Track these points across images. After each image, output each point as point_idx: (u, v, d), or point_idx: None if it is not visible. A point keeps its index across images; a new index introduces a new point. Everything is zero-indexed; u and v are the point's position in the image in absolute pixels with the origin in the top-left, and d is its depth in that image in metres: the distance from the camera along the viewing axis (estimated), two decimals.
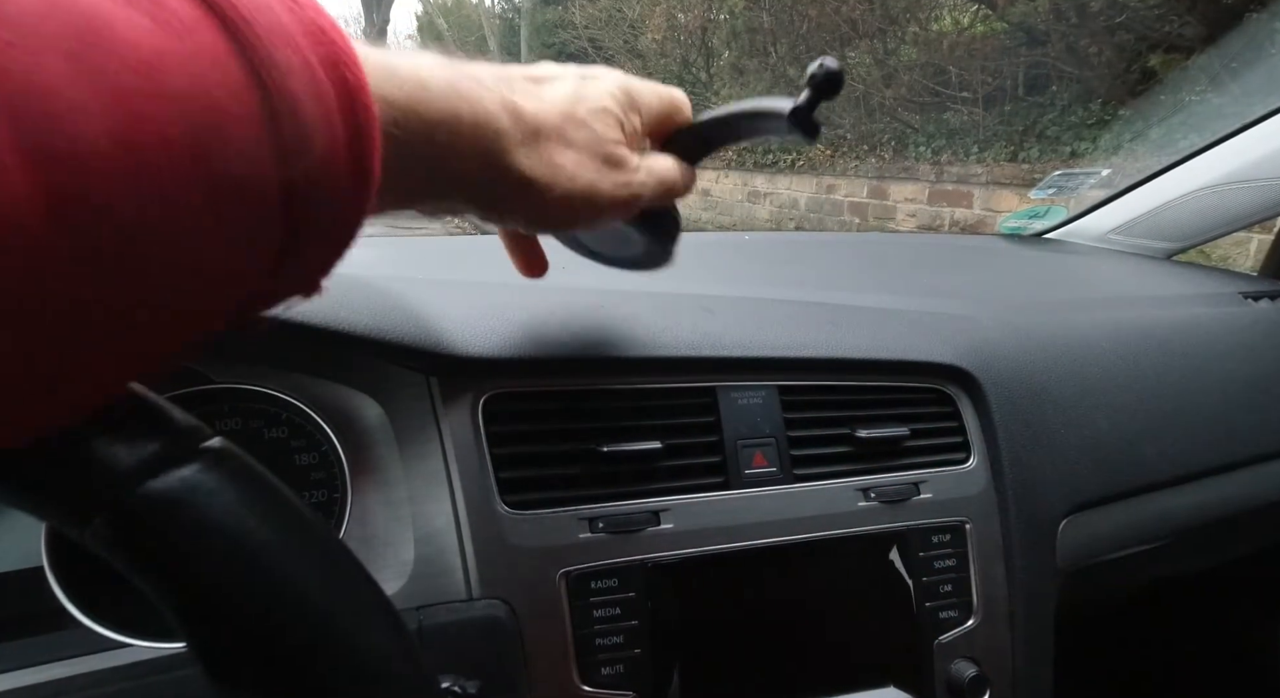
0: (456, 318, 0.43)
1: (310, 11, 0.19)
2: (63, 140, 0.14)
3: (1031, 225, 1.05)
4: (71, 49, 0.14)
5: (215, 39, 0.17)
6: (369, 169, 0.21)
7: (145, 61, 0.15)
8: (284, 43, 0.18)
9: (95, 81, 0.14)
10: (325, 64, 0.19)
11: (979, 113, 4.37)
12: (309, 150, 0.18)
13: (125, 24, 0.15)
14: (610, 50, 9.28)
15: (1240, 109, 0.88)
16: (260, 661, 0.20)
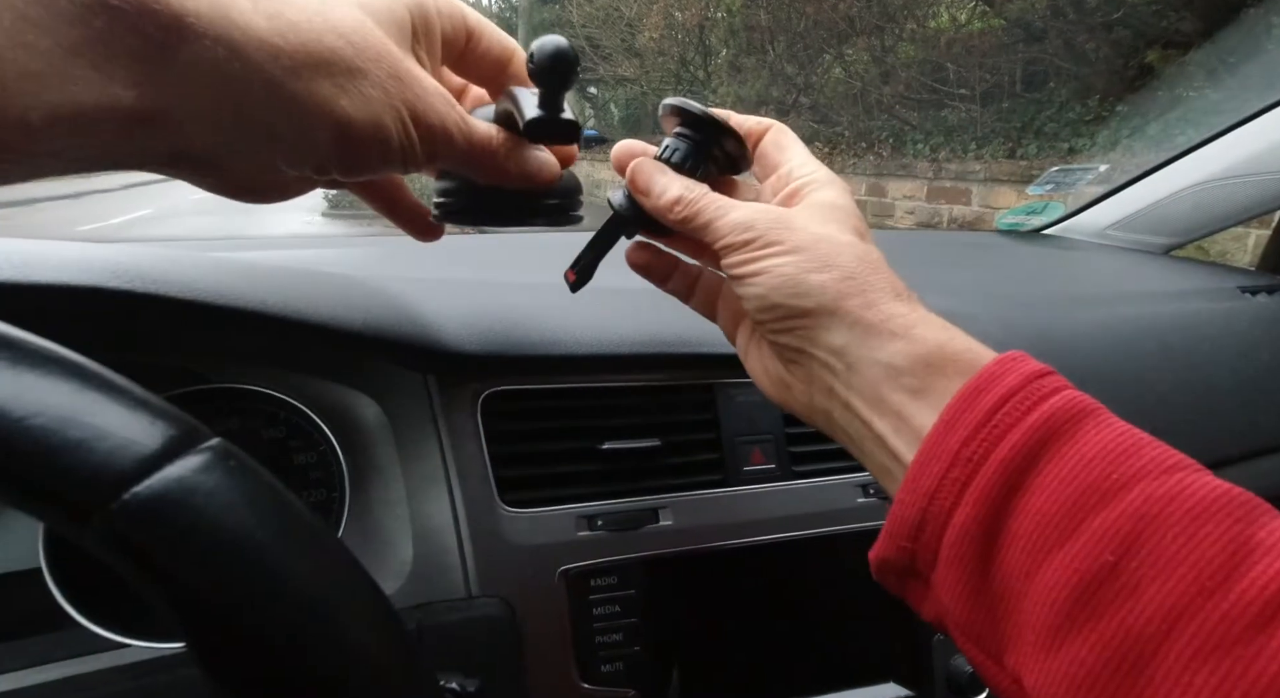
0: (454, 317, 0.43)
1: None
2: None
3: (1029, 221, 1.05)
4: None
5: None
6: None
7: None
8: None
9: None
10: None
11: (977, 109, 4.37)
12: None
13: None
14: (607, 49, 9.28)
15: (1238, 104, 0.87)
16: (259, 661, 0.20)
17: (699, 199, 0.32)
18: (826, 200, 0.32)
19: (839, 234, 0.30)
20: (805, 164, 0.34)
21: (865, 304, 0.29)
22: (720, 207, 0.32)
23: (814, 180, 0.33)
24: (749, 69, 6.40)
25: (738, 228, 0.31)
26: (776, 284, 0.29)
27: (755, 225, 0.30)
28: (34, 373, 0.19)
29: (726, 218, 0.31)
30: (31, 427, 0.18)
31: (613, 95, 10.57)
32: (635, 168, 0.34)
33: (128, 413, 0.20)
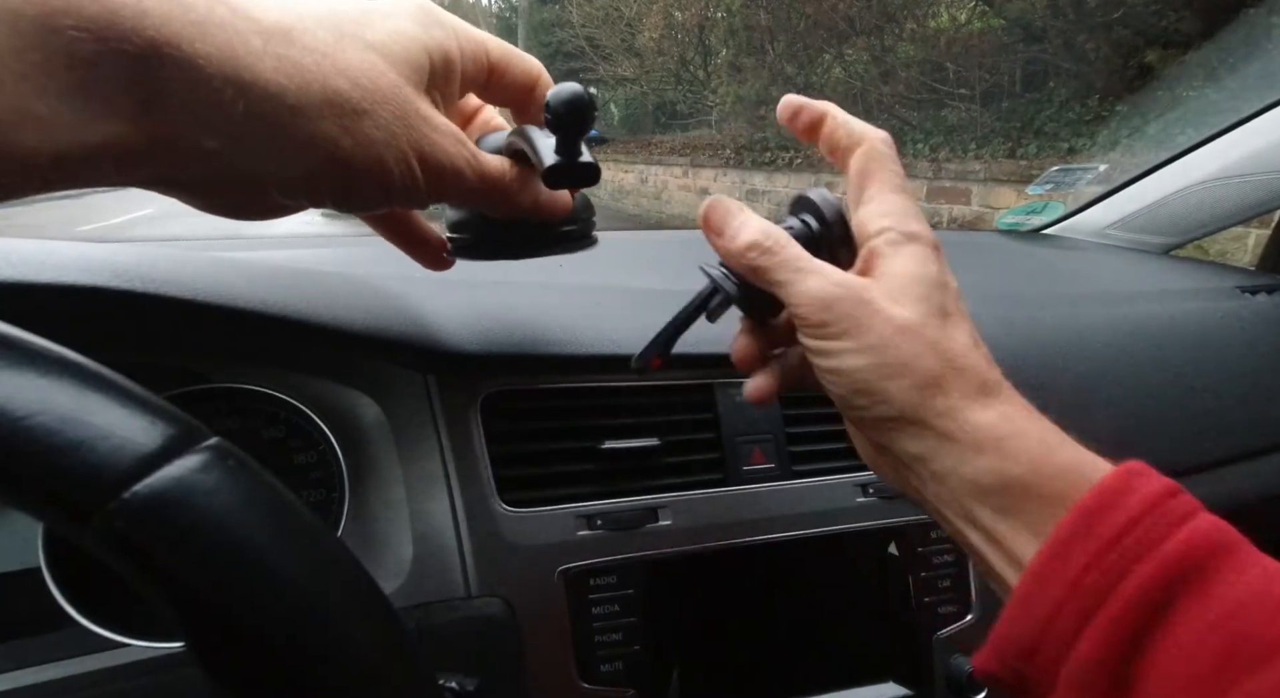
0: (454, 317, 0.43)
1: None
2: None
3: (1029, 221, 1.05)
4: None
5: None
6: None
7: None
8: None
9: None
10: None
11: (976, 109, 4.37)
12: None
13: None
14: (607, 49, 9.28)
15: (1237, 104, 0.87)
16: (258, 660, 0.20)
17: (778, 249, 0.30)
18: (907, 270, 0.29)
19: (922, 319, 0.28)
20: (886, 210, 0.31)
21: (947, 412, 0.27)
22: (799, 267, 0.29)
23: (893, 240, 0.30)
24: (749, 69, 6.40)
25: (814, 303, 0.28)
26: (853, 387, 0.28)
27: (832, 306, 0.28)
28: (34, 373, 0.19)
29: (803, 286, 0.29)
30: (31, 426, 0.18)
31: (613, 95, 10.56)
32: (710, 203, 0.33)
33: (127, 413, 0.20)
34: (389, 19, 0.26)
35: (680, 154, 7.64)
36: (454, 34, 0.28)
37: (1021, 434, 0.27)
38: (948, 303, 0.29)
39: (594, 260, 0.44)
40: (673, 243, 0.88)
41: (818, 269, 0.29)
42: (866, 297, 0.28)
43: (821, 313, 0.28)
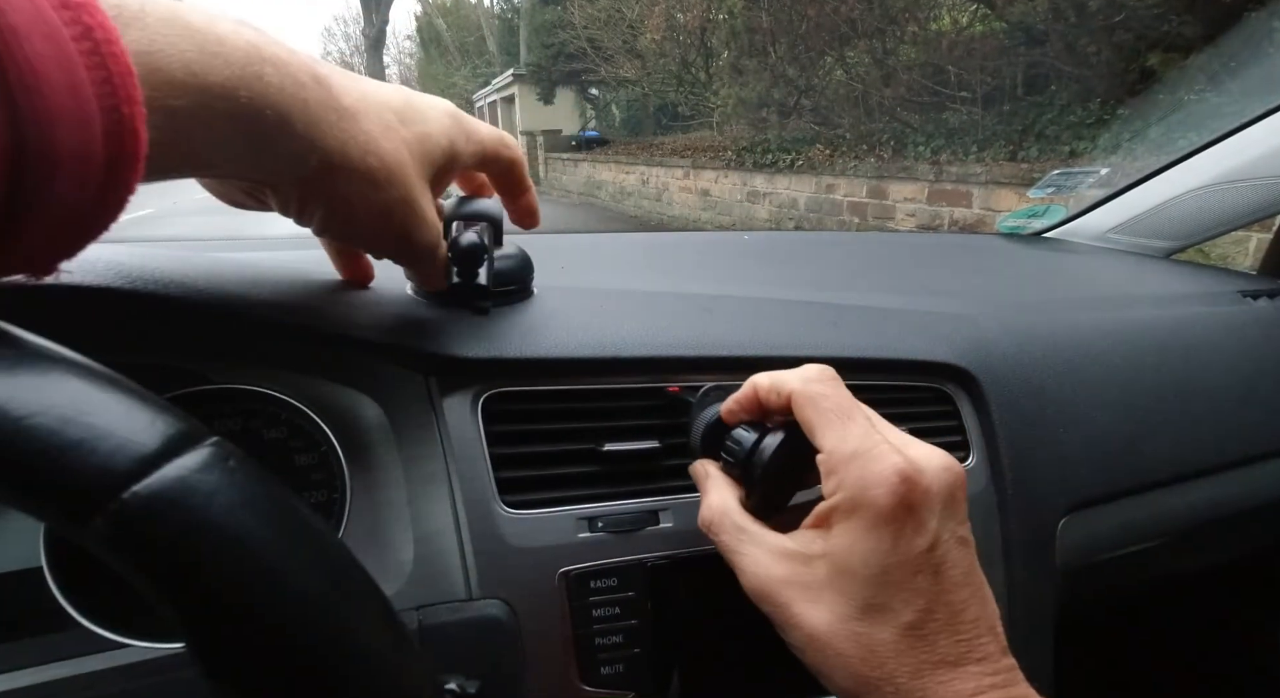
0: (456, 318, 0.43)
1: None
2: None
3: (1030, 224, 1.05)
4: None
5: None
6: (125, 148, 0.20)
7: None
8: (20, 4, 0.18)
9: None
10: (73, 29, 0.19)
11: (978, 112, 4.37)
12: (44, 118, 0.18)
13: None
14: (609, 50, 9.29)
15: (1239, 107, 0.88)
16: (259, 661, 0.20)
17: (718, 530, 0.34)
18: (845, 551, 0.30)
19: (838, 625, 0.29)
20: (830, 467, 0.31)
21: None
22: (737, 550, 0.33)
23: (836, 506, 0.31)
24: (750, 71, 6.41)
25: (752, 592, 0.32)
26: (803, 657, 0.31)
27: (763, 601, 0.32)
28: (34, 372, 0.19)
29: (743, 572, 0.33)
30: (31, 426, 0.18)
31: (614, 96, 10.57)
32: (691, 469, 0.39)
33: (128, 413, 0.20)
34: (423, 124, 0.34)
35: (682, 156, 7.66)
36: (465, 135, 0.36)
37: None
38: (873, 595, 0.29)
39: (595, 262, 0.44)
40: (674, 244, 0.88)
41: (753, 552, 0.32)
42: (786, 597, 0.31)
43: (759, 601, 0.32)
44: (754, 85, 6.30)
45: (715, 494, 0.36)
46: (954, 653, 0.28)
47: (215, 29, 0.25)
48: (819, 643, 0.29)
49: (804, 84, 5.91)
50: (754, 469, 0.35)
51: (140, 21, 0.22)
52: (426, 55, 28.10)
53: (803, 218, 5.64)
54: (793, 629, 0.30)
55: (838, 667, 0.29)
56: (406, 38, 34.96)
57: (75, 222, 0.21)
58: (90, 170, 0.20)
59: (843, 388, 0.33)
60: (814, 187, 5.47)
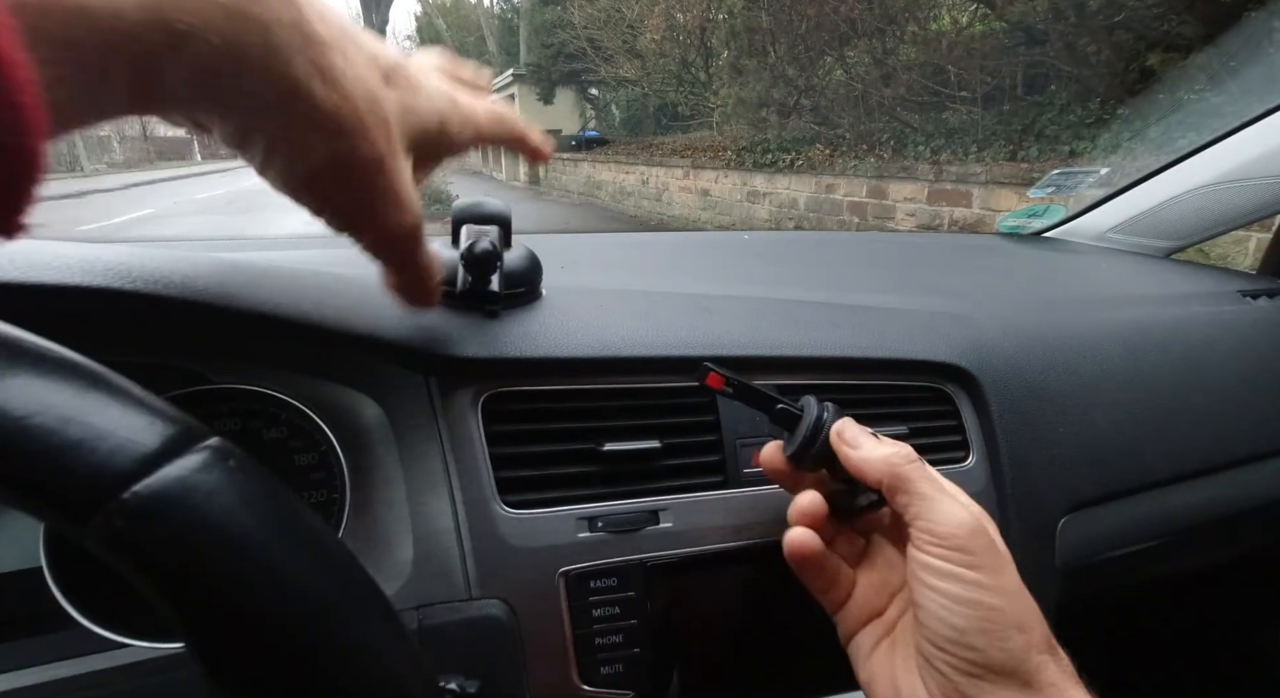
0: (456, 318, 0.43)
1: None
2: None
3: (1030, 224, 1.05)
4: None
5: None
6: None
7: None
8: None
9: None
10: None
11: (978, 112, 4.37)
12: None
13: None
14: (609, 50, 9.29)
15: (1239, 107, 0.88)
16: (259, 661, 0.20)
17: (915, 466, 0.32)
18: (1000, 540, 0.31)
19: (1028, 594, 0.30)
20: None
21: (1054, 685, 0.28)
22: (939, 486, 0.31)
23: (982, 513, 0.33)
24: (750, 71, 6.41)
25: (956, 528, 0.30)
26: (980, 626, 0.28)
27: (974, 537, 0.29)
28: (35, 373, 0.19)
29: (945, 506, 0.30)
30: (32, 426, 0.18)
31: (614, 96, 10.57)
32: (843, 424, 0.36)
33: (128, 413, 0.20)
34: (412, 91, 0.28)
35: (682, 156, 7.66)
36: (460, 119, 0.31)
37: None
38: None
39: (595, 262, 0.44)
40: (674, 244, 0.88)
41: (956, 492, 0.31)
42: (999, 541, 0.30)
43: (963, 540, 0.29)
44: (754, 85, 6.30)
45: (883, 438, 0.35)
46: None
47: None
48: (1023, 591, 0.29)
49: (804, 84, 5.91)
50: None
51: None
52: None
53: (803, 218, 5.64)
54: (1010, 571, 0.29)
55: (1036, 615, 0.29)
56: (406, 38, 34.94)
57: None
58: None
59: None
60: (814, 186, 5.47)
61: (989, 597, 0.28)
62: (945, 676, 0.29)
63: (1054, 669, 0.28)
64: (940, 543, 0.29)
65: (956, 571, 0.29)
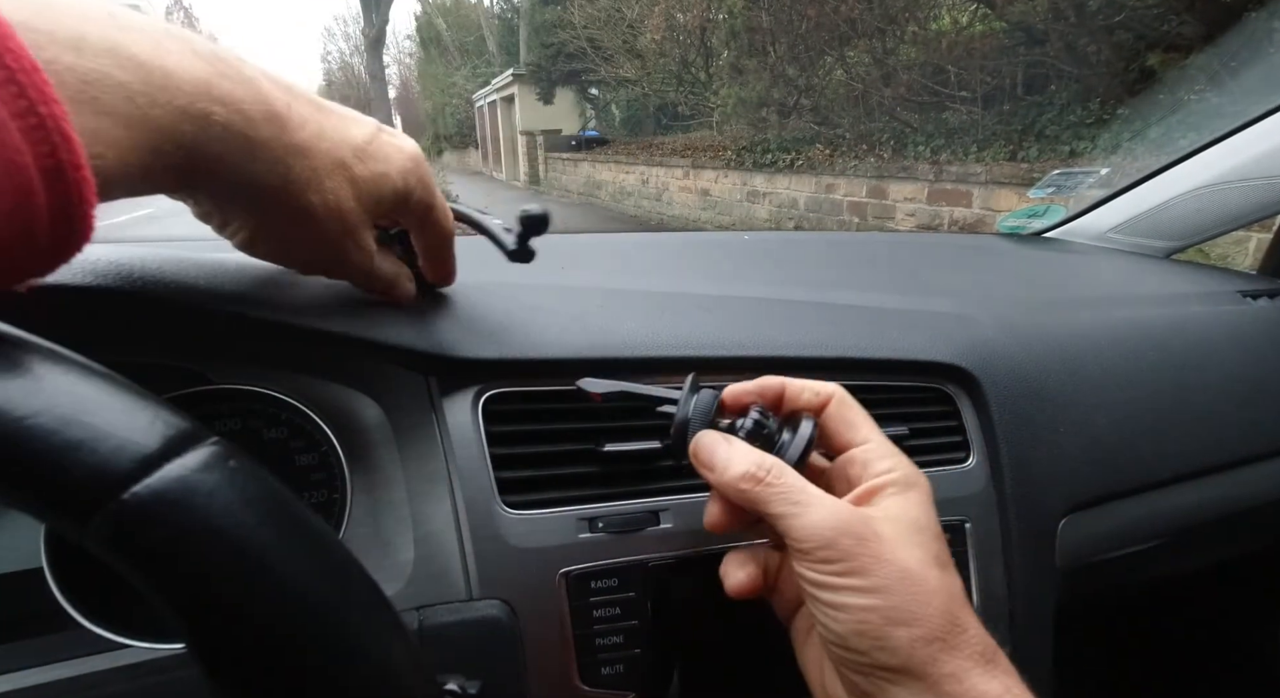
0: (455, 318, 0.43)
1: None
2: None
3: (1030, 224, 1.05)
4: None
5: None
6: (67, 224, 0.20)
7: None
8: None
9: None
10: None
11: (978, 112, 4.37)
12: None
13: None
14: (609, 50, 9.29)
15: (1239, 108, 0.87)
16: (259, 661, 0.20)
17: (774, 480, 0.31)
18: (909, 515, 0.30)
19: (925, 569, 0.29)
20: (881, 453, 0.33)
21: (954, 674, 0.27)
22: (797, 500, 0.30)
23: (891, 481, 0.32)
24: (750, 71, 6.41)
25: (816, 538, 0.29)
26: (858, 629, 0.28)
27: (837, 542, 0.28)
28: (35, 373, 0.19)
29: (803, 519, 0.29)
30: (32, 426, 0.18)
31: (614, 96, 10.58)
32: (696, 440, 0.34)
33: (128, 413, 0.20)
34: (383, 163, 0.33)
35: (681, 155, 7.66)
36: (422, 185, 0.36)
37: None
38: (943, 553, 0.30)
39: (595, 262, 0.44)
40: (674, 244, 0.88)
41: (818, 500, 0.30)
42: (870, 534, 0.29)
43: (824, 548, 0.28)
44: (754, 85, 6.30)
45: (753, 451, 0.33)
46: (993, 643, 0.30)
47: (162, 62, 0.24)
48: (912, 578, 0.28)
49: (804, 84, 5.91)
50: (785, 448, 0.34)
51: (75, 48, 0.21)
52: (426, 55, 28.09)
53: (803, 218, 5.64)
54: (883, 565, 0.28)
55: (931, 602, 0.28)
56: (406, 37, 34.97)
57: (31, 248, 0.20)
58: (23, 180, 0.18)
59: None
60: (814, 186, 5.47)
61: (860, 599, 0.28)
62: (845, 676, 0.30)
63: (949, 659, 0.27)
64: (806, 556, 0.29)
65: (826, 579, 0.28)
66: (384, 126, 0.35)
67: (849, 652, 0.28)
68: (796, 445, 0.33)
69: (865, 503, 0.32)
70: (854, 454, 0.33)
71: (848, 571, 0.28)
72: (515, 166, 15.89)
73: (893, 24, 4.93)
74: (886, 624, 0.27)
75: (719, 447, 0.33)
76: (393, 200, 0.34)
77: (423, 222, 0.38)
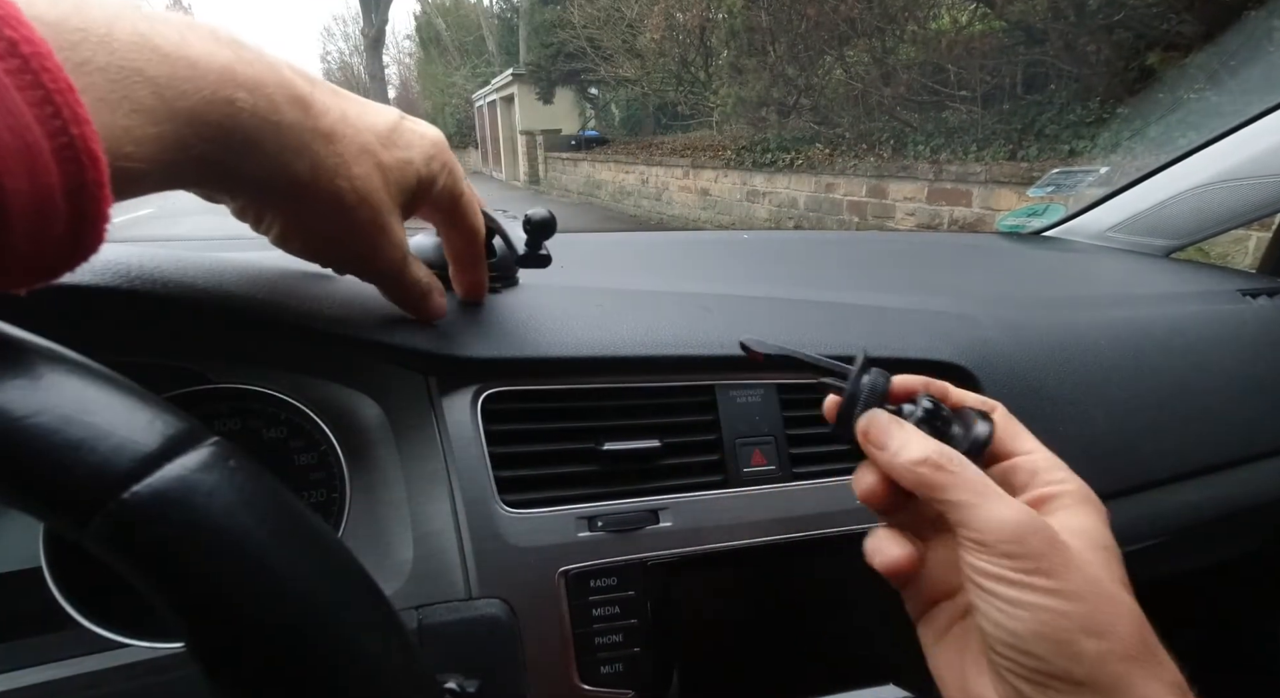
0: (455, 318, 0.43)
1: None
2: None
3: (1030, 223, 1.05)
4: None
5: None
6: (86, 176, 0.19)
7: None
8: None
9: None
10: None
11: (978, 111, 4.37)
12: None
13: None
14: (608, 50, 9.29)
15: (1238, 106, 0.87)
16: (259, 661, 0.20)
17: (955, 467, 0.28)
18: (1092, 532, 0.28)
19: (1115, 587, 0.27)
20: (1051, 465, 0.31)
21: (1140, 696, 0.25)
22: (980, 489, 0.27)
23: (1067, 493, 0.29)
24: (750, 70, 6.41)
25: (1003, 532, 0.26)
26: (1042, 632, 0.25)
27: (1026, 539, 0.26)
28: (35, 373, 0.19)
29: (988, 511, 0.27)
30: (32, 426, 0.18)
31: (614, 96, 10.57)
32: (868, 419, 0.32)
33: (128, 413, 0.20)
34: (405, 149, 0.33)
35: (681, 155, 7.65)
36: (446, 169, 0.36)
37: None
38: (1126, 578, 0.28)
39: (595, 261, 0.44)
40: (673, 244, 0.88)
41: (1002, 494, 0.28)
42: (1059, 539, 0.26)
43: (1013, 544, 0.26)
44: (753, 84, 6.30)
45: (930, 439, 0.30)
46: (1183, 680, 0.28)
47: (187, 52, 0.24)
48: (1105, 591, 0.26)
49: (803, 83, 5.91)
50: (959, 441, 0.31)
51: (107, 46, 0.22)
52: (426, 55, 28.08)
53: (802, 217, 5.64)
54: (1074, 571, 0.26)
55: (1124, 618, 0.26)
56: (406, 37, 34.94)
57: (45, 256, 0.20)
58: (49, 203, 0.19)
59: None
60: (813, 186, 5.47)
61: (1048, 600, 0.25)
62: (1009, 682, 0.27)
63: (1144, 681, 0.25)
64: (987, 548, 0.27)
65: (1009, 575, 0.26)
66: (406, 115, 0.35)
67: (1023, 655, 0.26)
68: (974, 440, 0.31)
69: (1038, 510, 0.29)
70: (1019, 462, 0.31)
71: (1036, 569, 0.26)
72: (515, 166, 15.88)
73: (892, 23, 4.92)
74: (1078, 631, 0.25)
75: (893, 428, 0.31)
76: (418, 188, 0.34)
77: (451, 213, 0.38)
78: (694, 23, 7.26)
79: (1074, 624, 0.25)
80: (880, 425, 0.31)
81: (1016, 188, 3.68)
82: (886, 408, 0.33)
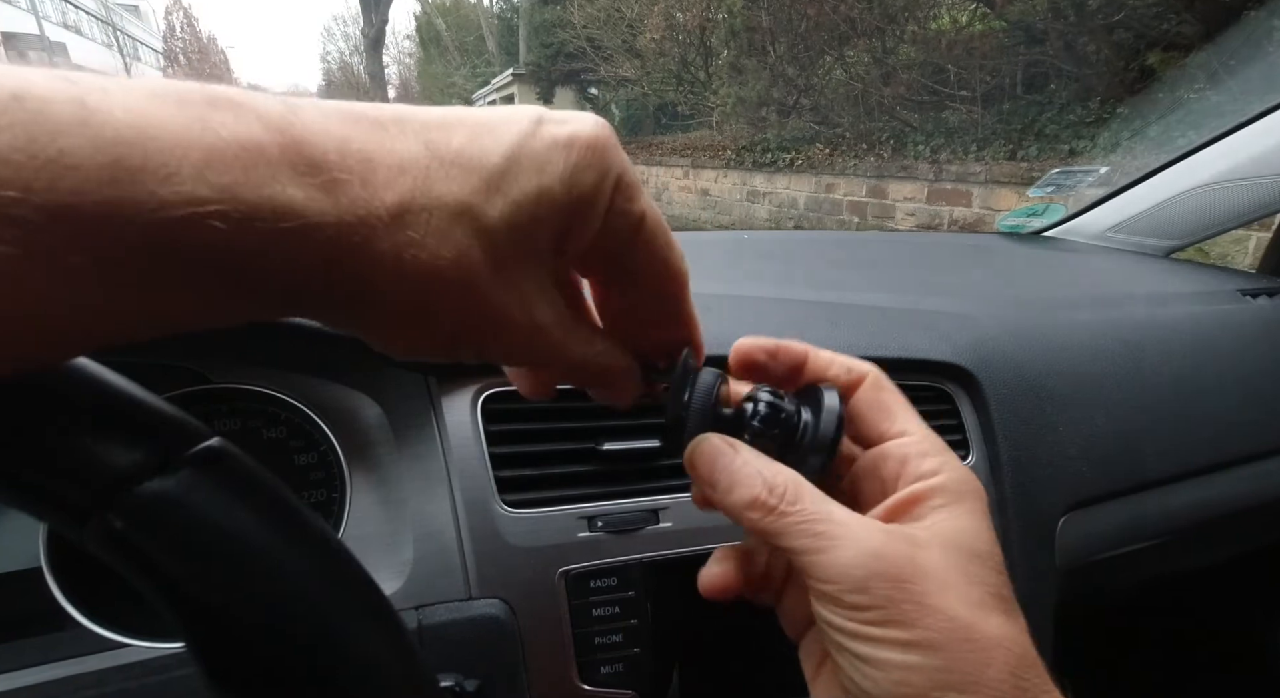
0: None
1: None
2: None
3: (1030, 223, 1.05)
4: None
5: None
6: None
7: None
8: None
9: None
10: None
11: (978, 111, 4.37)
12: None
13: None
14: (608, 50, 9.28)
15: (1238, 106, 0.87)
16: (258, 661, 0.20)
17: (787, 506, 0.24)
18: (963, 538, 0.25)
19: (983, 615, 0.23)
20: (925, 449, 0.27)
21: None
22: (819, 531, 0.23)
23: (938, 489, 0.26)
24: (750, 70, 6.41)
25: (847, 580, 0.23)
26: (897, 692, 0.22)
27: (870, 586, 0.22)
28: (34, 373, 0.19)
29: (831, 557, 0.23)
30: (32, 426, 0.18)
31: (614, 96, 10.56)
32: (691, 449, 0.26)
33: (128, 413, 0.20)
34: (536, 174, 0.20)
35: (681, 155, 7.65)
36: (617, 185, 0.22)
37: None
38: (1004, 589, 0.24)
39: None
40: None
41: (844, 530, 0.23)
42: (912, 572, 0.23)
43: (858, 594, 0.22)
44: (753, 84, 6.29)
45: (767, 466, 0.25)
46: None
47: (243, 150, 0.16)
48: (967, 631, 0.22)
49: (803, 83, 5.91)
50: (805, 436, 0.26)
51: None
52: (426, 55, 28.07)
53: (802, 217, 5.64)
54: (930, 614, 0.22)
55: (992, 661, 0.22)
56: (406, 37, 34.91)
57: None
58: None
59: None
60: (813, 186, 5.47)
61: (902, 656, 0.22)
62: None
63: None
64: (832, 600, 0.23)
65: (860, 629, 0.23)
66: (547, 115, 0.21)
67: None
68: (825, 432, 0.26)
69: (904, 516, 0.25)
70: (889, 448, 0.27)
71: (885, 620, 0.22)
72: None
73: (892, 23, 4.92)
74: (935, 689, 0.22)
75: (719, 460, 0.26)
76: (563, 222, 0.21)
77: (628, 247, 0.23)
78: (694, 23, 7.25)
79: (930, 681, 0.22)
80: (706, 457, 0.26)
81: (1016, 188, 3.68)
82: (724, 413, 0.27)
